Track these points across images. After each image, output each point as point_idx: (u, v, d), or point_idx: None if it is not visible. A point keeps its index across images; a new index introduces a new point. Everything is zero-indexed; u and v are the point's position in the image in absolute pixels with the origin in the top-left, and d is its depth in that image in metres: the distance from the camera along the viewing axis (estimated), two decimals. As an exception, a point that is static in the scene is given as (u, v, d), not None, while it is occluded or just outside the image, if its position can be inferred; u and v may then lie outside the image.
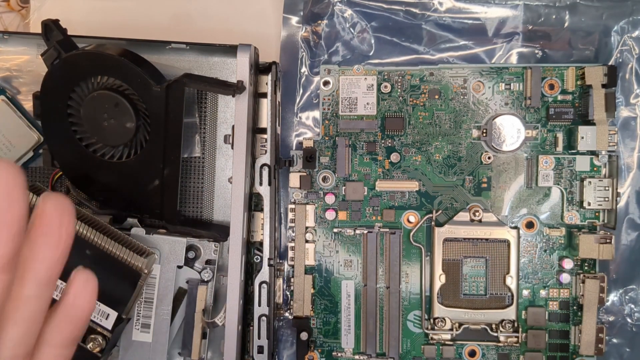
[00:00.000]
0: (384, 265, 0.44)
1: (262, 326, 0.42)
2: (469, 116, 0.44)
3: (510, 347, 0.43)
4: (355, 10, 0.45)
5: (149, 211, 0.41)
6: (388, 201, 0.44)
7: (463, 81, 0.44)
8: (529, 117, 0.43)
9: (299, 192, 0.45)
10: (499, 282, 0.43)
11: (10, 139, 0.44)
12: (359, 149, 0.44)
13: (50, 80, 0.38)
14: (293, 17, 0.45)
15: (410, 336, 0.44)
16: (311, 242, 0.44)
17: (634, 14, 0.43)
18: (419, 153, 0.44)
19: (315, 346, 0.45)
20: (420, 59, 0.45)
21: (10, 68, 0.44)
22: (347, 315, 0.44)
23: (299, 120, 0.46)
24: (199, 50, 0.41)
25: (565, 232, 0.43)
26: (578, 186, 0.43)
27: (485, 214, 0.43)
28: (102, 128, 0.39)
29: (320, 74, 0.45)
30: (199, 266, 0.41)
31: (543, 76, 0.43)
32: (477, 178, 0.44)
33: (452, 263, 0.43)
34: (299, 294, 0.44)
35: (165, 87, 0.38)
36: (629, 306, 0.44)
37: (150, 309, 0.41)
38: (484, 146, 0.44)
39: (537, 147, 0.43)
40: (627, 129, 0.44)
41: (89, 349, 0.38)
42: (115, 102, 0.38)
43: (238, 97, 0.39)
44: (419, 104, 0.44)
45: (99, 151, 0.40)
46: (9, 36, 0.43)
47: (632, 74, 0.44)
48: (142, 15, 0.47)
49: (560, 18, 0.44)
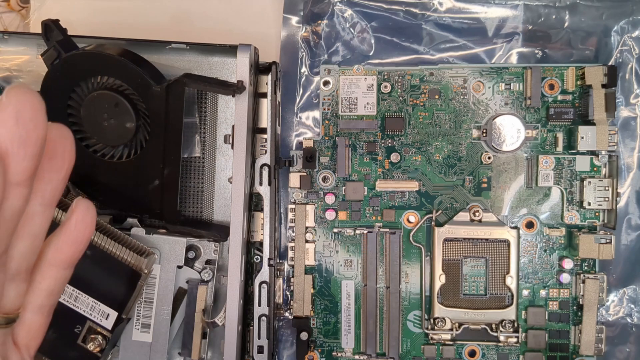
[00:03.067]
0: (384, 265, 0.44)
1: (262, 326, 0.42)
2: (469, 116, 0.44)
3: (510, 347, 0.43)
4: (355, 10, 0.45)
5: (149, 211, 0.41)
6: (388, 201, 0.44)
7: (463, 81, 0.44)
8: (529, 117, 0.43)
9: (299, 192, 0.45)
10: (499, 282, 0.43)
11: (10, 139, 0.44)
12: (359, 149, 0.44)
13: (50, 80, 0.38)
14: (293, 17, 0.45)
15: (410, 336, 0.44)
16: (311, 242, 0.44)
17: (634, 14, 0.43)
18: (419, 153, 0.44)
19: (315, 346, 0.45)
20: (420, 59, 0.45)
21: (10, 68, 0.44)
22: (347, 315, 0.44)
23: (299, 120, 0.46)
24: (199, 50, 0.41)
25: (565, 232, 0.43)
26: (578, 186, 0.43)
27: (485, 214, 0.43)
28: (102, 128, 0.39)
29: (320, 74, 0.45)
30: (199, 266, 0.41)
31: (543, 76, 0.43)
32: (477, 178, 0.44)
33: (452, 263, 0.43)
34: (299, 294, 0.44)
35: (165, 87, 0.38)
36: (629, 306, 0.44)
37: (150, 309, 0.41)
38: (484, 146, 0.44)
39: (537, 147, 0.43)
40: (627, 129, 0.44)
41: (89, 348, 0.38)
42: (115, 102, 0.38)
43: (238, 97, 0.39)
44: (419, 104, 0.44)
45: (99, 151, 0.40)
46: (9, 36, 0.43)
47: (632, 74, 0.44)
48: (142, 15, 0.47)
49: (560, 18, 0.44)
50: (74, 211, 0.24)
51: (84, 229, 0.24)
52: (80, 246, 0.24)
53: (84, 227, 0.24)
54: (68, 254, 0.24)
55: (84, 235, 0.24)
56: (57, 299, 0.26)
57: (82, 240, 0.24)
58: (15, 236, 0.22)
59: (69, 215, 0.24)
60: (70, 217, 0.24)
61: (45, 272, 0.24)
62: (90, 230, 0.24)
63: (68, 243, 0.24)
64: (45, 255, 0.24)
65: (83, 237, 0.24)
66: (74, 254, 0.24)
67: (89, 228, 0.24)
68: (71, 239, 0.24)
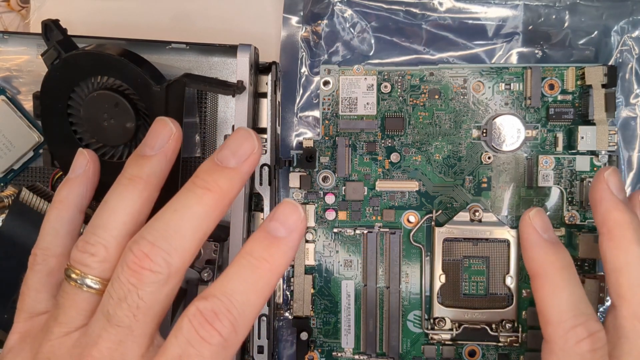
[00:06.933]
0: (384, 265, 0.44)
1: (262, 326, 0.42)
2: (469, 116, 0.44)
3: (510, 347, 0.43)
4: (355, 10, 0.45)
5: (149, 211, 0.41)
6: (388, 201, 0.44)
7: (463, 81, 0.44)
8: (529, 117, 0.43)
9: (299, 192, 0.45)
10: (499, 282, 0.43)
11: (10, 139, 0.44)
12: (359, 149, 0.44)
13: (50, 80, 0.38)
14: (293, 17, 0.45)
15: (410, 336, 0.44)
16: (311, 242, 0.44)
17: (634, 14, 0.43)
18: (419, 153, 0.44)
19: (315, 346, 0.45)
20: (420, 59, 0.45)
21: (10, 68, 0.44)
22: (347, 315, 0.44)
23: (299, 120, 0.46)
24: (199, 50, 0.41)
25: (565, 232, 0.43)
26: (578, 186, 0.43)
27: (485, 214, 0.43)
28: (102, 128, 0.39)
29: (320, 74, 0.45)
30: (199, 266, 0.41)
31: (543, 76, 0.43)
32: (477, 178, 0.44)
33: (452, 263, 0.43)
34: (299, 294, 0.44)
35: (165, 87, 0.38)
36: (629, 306, 0.44)
37: (150, 309, 0.41)
38: (484, 146, 0.44)
39: (537, 147, 0.43)
40: (627, 129, 0.44)
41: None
42: (115, 102, 0.38)
43: (238, 97, 0.39)
44: (419, 104, 0.44)
45: (99, 151, 0.40)
46: (9, 36, 0.43)
47: (632, 74, 0.44)
48: (142, 15, 0.47)
49: (560, 18, 0.44)
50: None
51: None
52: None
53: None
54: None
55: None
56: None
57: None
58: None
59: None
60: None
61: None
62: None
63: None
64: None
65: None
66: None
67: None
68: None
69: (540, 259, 0.32)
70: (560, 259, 0.31)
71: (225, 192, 0.28)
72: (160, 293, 0.26)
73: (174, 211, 0.27)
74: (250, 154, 0.29)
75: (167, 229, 0.27)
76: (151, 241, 0.26)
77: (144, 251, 0.26)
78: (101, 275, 0.27)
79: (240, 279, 0.26)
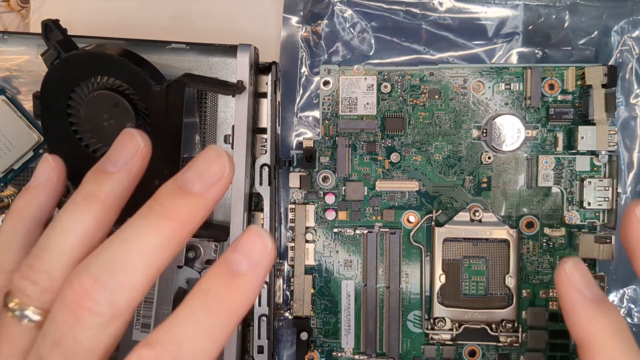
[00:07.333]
0: (384, 265, 0.44)
1: (262, 326, 0.42)
2: (469, 116, 0.44)
3: (510, 347, 0.43)
4: (355, 10, 0.45)
5: (149, 211, 0.41)
6: (388, 201, 0.44)
7: (463, 81, 0.44)
8: (529, 117, 0.43)
9: (299, 192, 0.45)
10: (499, 282, 0.43)
11: (10, 139, 0.44)
12: (359, 149, 0.44)
13: (50, 80, 0.38)
14: (293, 17, 0.45)
15: (410, 336, 0.44)
16: (311, 242, 0.44)
17: (634, 14, 0.43)
18: (419, 153, 0.44)
19: (315, 346, 0.45)
20: (420, 59, 0.45)
21: (10, 68, 0.44)
22: (347, 315, 0.44)
23: (299, 120, 0.46)
24: (199, 50, 0.41)
25: (565, 232, 0.43)
26: (578, 186, 0.43)
27: (485, 214, 0.43)
28: (102, 128, 0.39)
29: (320, 74, 0.45)
30: (199, 266, 0.41)
31: (543, 76, 0.43)
32: (477, 178, 0.44)
33: (452, 263, 0.43)
34: (299, 294, 0.44)
35: (165, 87, 0.38)
36: (629, 306, 0.44)
37: (150, 309, 0.41)
38: (484, 146, 0.44)
39: (537, 147, 0.43)
40: (627, 129, 0.44)
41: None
42: (115, 102, 0.38)
43: (238, 97, 0.39)
44: (419, 104, 0.44)
45: (99, 151, 0.40)
46: (9, 36, 0.43)
47: (632, 74, 0.44)
48: (142, 15, 0.47)
49: (560, 18, 0.44)
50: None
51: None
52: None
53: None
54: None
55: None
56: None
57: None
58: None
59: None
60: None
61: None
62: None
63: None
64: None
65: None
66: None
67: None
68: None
69: (586, 324, 0.26)
70: (610, 323, 0.26)
71: (185, 221, 0.24)
72: (101, 336, 0.22)
73: (124, 240, 0.23)
74: (219, 178, 0.24)
75: (114, 261, 0.23)
76: (94, 275, 0.22)
77: (84, 287, 0.22)
78: (43, 306, 0.24)
79: (192, 323, 0.22)
